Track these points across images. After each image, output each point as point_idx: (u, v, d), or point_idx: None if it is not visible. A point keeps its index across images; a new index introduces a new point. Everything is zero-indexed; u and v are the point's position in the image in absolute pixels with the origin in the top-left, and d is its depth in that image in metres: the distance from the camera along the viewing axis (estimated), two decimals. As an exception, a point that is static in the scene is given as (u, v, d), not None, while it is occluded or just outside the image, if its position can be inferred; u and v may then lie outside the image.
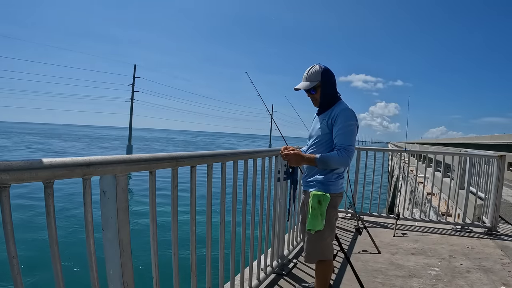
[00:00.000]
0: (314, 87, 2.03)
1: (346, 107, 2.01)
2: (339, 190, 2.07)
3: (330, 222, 2.03)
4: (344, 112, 1.97)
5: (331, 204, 2.00)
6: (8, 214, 0.86)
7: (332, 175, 2.03)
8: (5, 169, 0.82)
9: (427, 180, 10.46)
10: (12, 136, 63.68)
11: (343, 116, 1.95)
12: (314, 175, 2.06)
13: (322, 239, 2.03)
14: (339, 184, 2.07)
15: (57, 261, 0.98)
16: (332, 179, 2.02)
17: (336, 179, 2.05)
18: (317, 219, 1.98)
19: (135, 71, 34.64)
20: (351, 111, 1.99)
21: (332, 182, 2.02)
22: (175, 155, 1.42)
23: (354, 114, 1.99)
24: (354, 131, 1.97)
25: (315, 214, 1.98)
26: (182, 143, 77.92)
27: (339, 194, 2.08)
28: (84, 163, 1.01)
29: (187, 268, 1.61)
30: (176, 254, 1.49)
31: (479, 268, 2.99)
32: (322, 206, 1.97)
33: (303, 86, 2.03)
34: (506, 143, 16.54)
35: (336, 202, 2.06)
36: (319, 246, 2.04)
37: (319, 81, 2.01)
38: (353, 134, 1.96)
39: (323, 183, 2.01)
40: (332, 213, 2.03)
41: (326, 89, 2.03)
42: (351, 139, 1.95)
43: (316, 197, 1.99)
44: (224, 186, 1.82)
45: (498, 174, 4.10)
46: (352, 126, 1.96)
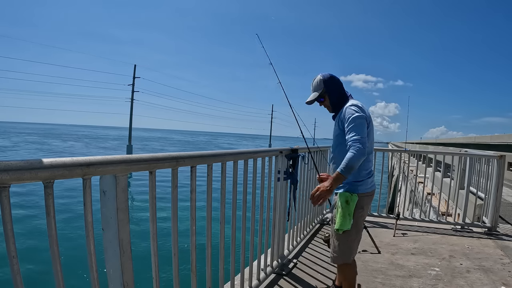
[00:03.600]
0: (321, 95, 2.07)
1: (351, 103, 2.00)
2: (368, 190, 2.04)
3: (357, 223, 2.01)
4: (348, 108, 1.98)
5: (359, 205, 1.98)
6: (8, 214, 0.86)
7: (361, 173, 2.00)
8: (5, 169, 0.82)
9: (427, 180, 10.47)
10: (11, 136, 63.64)
11: (348, 112, 1.96)
12: None
13: (349, 240, 2.02)
14: (368, 183, 2.03)
15: (57, 261, 0.98)
16: (360, 179, 2.00)
17: (365, 178, 2.02)
18: (345, 219, 1.97)
19: (135, 71, 34.65)
20: (355, 105, 1.98)
21: (360, 182, 2.00)
22: (175, 155, 1.42)
23: (358, 107, 1.96)
24: (362, 123, 1.92)
25: (343, 214, 1.97)
26: (181, 143, 77.91)
27: (368, 193, 2.04)
28: (84, 163, 1.01)
29: (187, 268, 1.61)
30: (176, 254, 1.48)
31: (479, 268, 2.99)
32: (350, 206, 1.96)
33: (311, 96, 2.08)
34: (506, 143, 16.54)
35: (364, 203, 2.02)
36: (345, 247, 2.03)
37: (323, 88, 2.05)
38: (361, 125, 1.91)
39: (351, 183, 1.99)
40: (359, 214, 2.01)
41: (333, 93, 2.07)
42: (359, 130, 1.89)
43: (344, 197, 1.98)
44: (224, 186, 1.82)
45: (498, 174, 4.10)
46: (357, 118, 1.91)
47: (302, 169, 3.14)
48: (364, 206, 2.03)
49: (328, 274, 2.72)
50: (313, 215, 3.90)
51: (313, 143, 3.89)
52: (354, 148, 1.83)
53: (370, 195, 2.07)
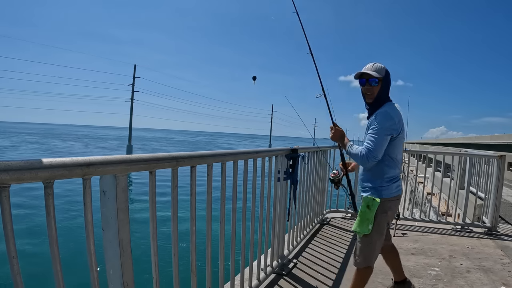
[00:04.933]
0: (377, 79, 1.99)
1: (386, 108, 1.97)
2: (393, 194, 2.02)
3: (378, 227, 2.00)
4: (381, 113, 1.95)
5: (382, 209, 1.97)
6: (8, 214, 0.86)
7: (384, 180, 1.99)
8: (5, 169, 0.81)
9: (427, 180, 10.47)
10: (11, 136, 63.61)
11: (378, 117, 1.94)
12: (367, 181, 2.05)
13: (370, 243, 2.02)
14: (393, 188, 2.01)
15: (57, 261, 0.98)
16: (384, 184, 1.99)
17: (389, 183, 2.00)
18: (363, 224, 1.98)
19: (135, 71, 34.68)
20: (388, 113, 1.93)
21: (384, 187, 1.99)
22: (175, 155, 1.42)
23: (391, 118, 1.92)
24: (382, 135, 1.89)
25: (361, 218, 1.99)
26: (180, 143, 77.91)
27: (393, 198, 2.02)
28: (84, 163, 1.01)
29: (187, 268, 1.61)
30: (176, 254, 1.48)
31: (479, 268, 2.99)
32: (370, 211, 1.96)
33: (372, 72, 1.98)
34: (506, 143, 16.54)
35: (388, 207, 2.01)
36: (367, 250, 2.03)
37: (383, 76, 1.99)
38: (379, 137, 1.89)
39: (375, 188, 2.00)
40: (382, 218, 2.00)
41: (385, 86, 2.02)
42: (376, 142, 1.89)
43: (366, 202, 1.99)
44: (224, 186, 1.82)
45: (498, 174, 4.10)
46: (383, 131, 1.89)
47: (302, 169, 3.14)
48: (388, 210, 2.02)
49: (328, 274, 2.72)
50: (313, 215, 3.90)
51: (313, 143, 3.89)
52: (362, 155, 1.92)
53: (395, 200, 2.06)
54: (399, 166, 2.07)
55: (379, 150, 1.90)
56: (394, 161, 2.02)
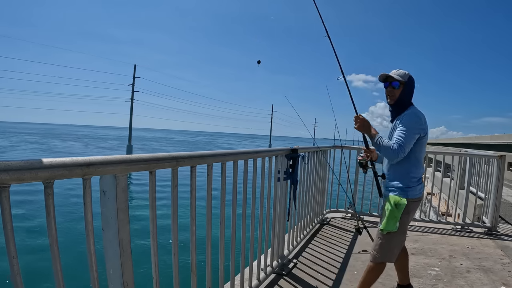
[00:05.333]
0: (399, 83, 2.09)
1: (413, 111, 2.06)
2: (417, 195, 2.07)
3: (402, 227, 2.05)
4: (408, 114, 2.04)
5: (406, 210, 2.02)
6: (8, 214, 0.86)
7: (411, 180, 2.04)
8: (5, 169, 0.81)
9: (427, 180, 10.47)
10: (11, 136, 63.61)
11: (406, 118, 2.02)
12: (393, 180, 2.08)
13: (393, 241, 2.07)
14: (417, 189, 2.07)
15: (57, 261, 0.98)
16: (411, 185, 2.04)
17: (415, 184, 2.06)
18: (391, 221, 2.02)
19: (135, 71, 34.68)
20: (416, 115, 2.03)
21: (411, 188, 2.04)
22: (175, 155, 1.42)
23: (418, 119, 2.02)
24: (412, 133, 1.97)
25: (390, 216, 2.02)
26: (180, 143, 77.89)
27: (416, 199, 2.08)
28: (84, 163, 1.01)
29: (187, 268, 1.61)
30: (176, 254, 1.48)
31: (479, 268, 2.99)
32: (398, 210, 2.00)
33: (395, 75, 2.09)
34: (506, 143, 16.54)
35: (411, 208, 2.06)
36: (387, 248, 2.07)
37: (406, 81, 2.09)
38: (410, 133, 1.97)
39: (402, 188, 2.04)
40: (405, 218, 2.05)
41: (406, 90, 2.10)
42: (407, 138, 1.96)
43: (393, 200, 2.03)
44: (224, 186, 1.82)
45: (498, 174, 4.11)
46: (412, 129, 1.98)
47: (302, 169, 3.14)
48: (411, 211, 2.07)
49: (328, 274, 2.72)
50: (313, 215, 3.90)
51: (313, 143, 3.89)
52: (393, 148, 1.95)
53: (418, 201, 2.11)
54: (422, 166, 2.13)
55: (408, 146, 1.97)
56: (419, 162, 2.08)
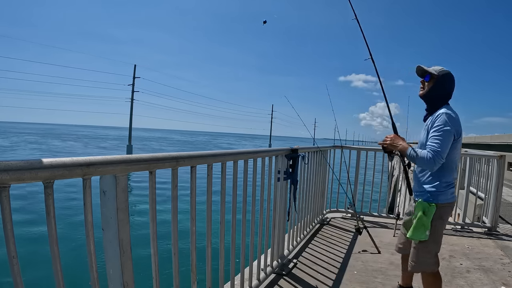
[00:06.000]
0: (431, 75, 2.01)
1: (446, 111, 1.93)
2: (449, 200, 1.97)
3: (434, 234, 1.95)
4: (441, 114, 1.91)
5: (438, 215, 1.94)
6: (8, 214, 0.86)
7: (441, 184, 1.95)
8: (5, 169, 0.81)
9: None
10: (11, 136, 63.60)
11: (440, 120, 1.90)
12: (422, 185, 2.00)
13: (426, 250, 1.98)
14: (448, 193, 1.97)
15: (57, 261, 0.98)
16: (441, 189, 1.95)
17: (446, 188, 1.96)
18: (419, 230, 1.94)
19: (135, 71, 34.68)
20: (449, 114, 1.90)
21: (441, 192, 1.95)
22: (175, 155, 1.42)
23: (452, 118, 1.89)
24: (447, 136, 1.86)
25: (417, 224, 1.95)
26: (180, 143, 77.88)
27: (448, 204, 1.98)
28: (84, 163, 1.01)
29: (187, 268, 1.60)
30: (176, 254, 1.48)
31: (479, 268, 2.99)
32: (427, 217, 1.92)
33: (426, 67, 2.03)
34: (506, 143, 16.54)
35: (443, 213, 1.97)
36: (423, 257, 1.99)
37: (437, 75, 2.00)
38: (444, 138, 1.85)
39: (431, 192, 1.95)
40: (438, 224, 1.96)
41: (438, 86, 2.00)
42: (441, 143, 1.84)
43: (421, 207, 1.95)
44: (224, 186, 1.82)
45: (498, 174, 4.11)
46: (447, 132, 1.86)
47: (302, 169, 3.14)
48: (444, 216, 1.98)
49: (328, 274, 2.72)
50: (313, 215, 3.90)
51: (313, 143, 3.89)
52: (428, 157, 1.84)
53: (450, 206, 2.01)
54: (456, 170, 2.03)
55: (445, 151, 1.86)
56: (452, 166, 1.97)
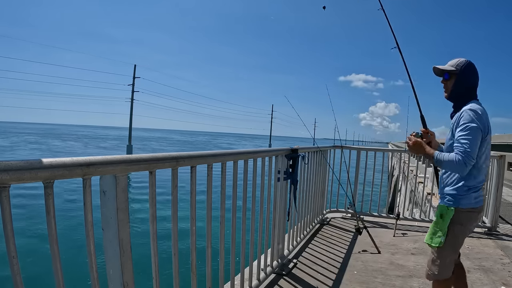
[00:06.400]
0: (449, 72, 1.87)
1: (471, 106, 1.77)
2: (472, 205, 1.80)
3: (451, 240, 1.82)
4: (466, 111, 1.75)
5: (456, 220, 1.80)
6: (8, 214, 0.86)
7: (463, 187, 1.79)
8: (5, 169, 0.81)
9: (427, 180, 10.46)
10: (11, 136, 63.58)
11: (465, 118, 1.74)
12: (444, 187, 1.88)
13: (441, 256, 1.86)
14: (471, 198, 1.80)
15: (57, 261, 0.98)
16: (463, 192, 1.79)
17: (468, 192, 1.79)
18: (434, 235, 1.85)
19: (135, 71, 34.68)
20: (475, 110, 1.74)
21: (462, 196, 1.80)
22: (175, 155, 1.42)
23: (478, 115, 1.73)
24: (474, 134, 1.70)
25: (433, 229, 1.87)
26: (180, 143, 77.92)
27: (471, 209, 1.80)
28: (84, 163, 1.01)
29: (187, 268, 1.61)
30: (176, 254, 1.48)
31: (479, 268, 2.99)
32: (443, 221, 1.81)
33: (442, 66, 1.90)
34: (506, 143, 16.54)
35: (464, 218, 1.81)
36: (436, 264, 1.87)
37: (457, 70, 1.86)
38: (472, 136, 1.69)
39: (452, 195, 1.82)
40: (456, 230, 1.81)
41: (460, 81, 1.86)
42: (470, 142, 1.69)
43: (439, 210, 1.86)
44: (224, 186, 1.82)
45: (498, 174, 4.11)
46: (472, 128, 1.70)
47: (302, 169, 3.14)
48: (465, 222, 1.82)
49: (328, 274, 2.72)
50: (313, 215, 3.90)
51: (313, 143, 3.89)
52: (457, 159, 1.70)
53: (474, 211, 1.83)
54: (483, 173, 1.85)
55: (475, 150, 1.70)
56: (478, 168, 1.80)
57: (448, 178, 1.86)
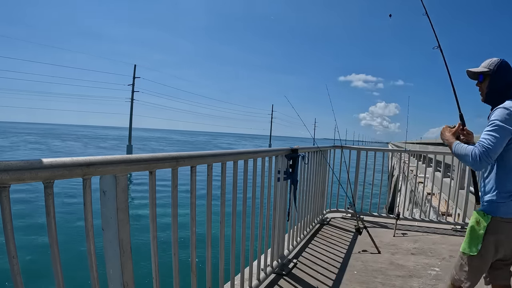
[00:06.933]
0: (483, 74, 1.78)
1: (505, 105, 1.66)
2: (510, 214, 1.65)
3: (484, 250, 1.68)
4: (497, 109, 1.66)
5: (493, 229, 1.65)
6: (8, 214, 0.86)
7: (502, 194, 1.66)
8: (5, 169, 0.81)
9: (427, 180, 10.48)
10: (10, 136, 63.57)
11: (495, 114, 1.65)
12: (484, 194, 1.76)
13: (470, 265, 1.72)
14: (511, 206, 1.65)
15: (57, 261, 0.98)
16: (501, 199, 1.66)
17: (508, 199, 1.65)
18: (472, 242, 1.71)
19: (135, 71, 34.68)
20: (507, 109, 1.62)
21: (500, 203, 1.66)
22: (175, 155, 1.42)
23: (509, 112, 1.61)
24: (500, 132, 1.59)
25: (469, 236, 1.73)
26: (180, 143, 77.95)
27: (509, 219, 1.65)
28: (84, 163, 1.01)
29: (187, 268, 1.60)
30: (176, 254, 1.48)
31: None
32: (480, 228, 1.68)
33: (475, 68, 1.81)
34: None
35: (502, 229, 1.66)
36: (464, 270, 1.74)
37: (490, 70, 1.76)
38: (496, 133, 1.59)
39: (490, 202, 1.70)
40: (490, 240, 1.67)
41: (496, 81, 1.75)
42: (492, 139, 1.59)
43: (475, 217, 1.72)
44: (224, 186, 1.82)
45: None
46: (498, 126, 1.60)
47: (302, 169, 3.14)
48: (501, 233, 1.67)
49: (328, 274, 2.72)
50: (313, 215, 3.90)
51: (313, 143, 3.89)
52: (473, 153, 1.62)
53: None
54: None
55: (495, 149, 1.59)
56: None
57: (488, 184, 1.73)
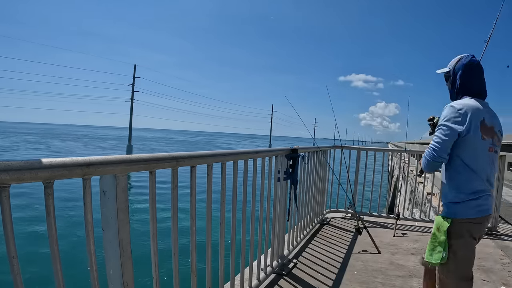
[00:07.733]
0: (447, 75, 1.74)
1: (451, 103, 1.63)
2: (470, 215, 1.59)
3: (455, 256, 1.63)
4: (445, 108, 1.63)
5: (455, 233, 1.60)
6: (8, 214, 0.86)
7: (459, 195, 1.61)
8: (5, 169, 0.81)
9: (427, 180, 10.47)
10: (11, 136, 63.57)
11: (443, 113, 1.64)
12: (443, 197, 1.72)
13: (447, 275, 1.66)
14: (470, 206, 1.59)
15: (57, 261, 0.98)
16: (458, 200, 1.61)
17: (464, 200, 1.60)
18: (433, 250, 1.65)
19: (135, 71, 34.67)
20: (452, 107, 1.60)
21: (458, 204, 1.61)
22: (175, 155, 1.42)
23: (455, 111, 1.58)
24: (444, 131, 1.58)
25: (432, 245, 1.67)
26: (180, 143, 77.96)
27: (470, 220, 1.59)
28: (84, 163, 1.01)
29: (187, 268, 1.61)
30: (176, 254, 1.48)
31: (479, 268, 2.99)
32: (440, 234, 1.63)
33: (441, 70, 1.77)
34: (506, 143, 16.54)
35: (464, 230, 1.60)
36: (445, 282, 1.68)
37: (450, 71, 1.73)
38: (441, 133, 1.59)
39: (448, 205, 1.65)
40: (455, 244, 1.62)
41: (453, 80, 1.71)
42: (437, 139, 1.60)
43: (436, 223, 1.67)
44: (224, 186, 1.82)
45: (498, 174, 4.10)
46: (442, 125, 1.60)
47: (302, 169, 3.14)
48: (465, 235, 1.61)
49: (328, 274, 2.72)
50: (313, 215, 3.90)
51: (313, 143, 3.89)
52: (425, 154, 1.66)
53: (475, 222, 1.60)
54: (482, 178, 1.61)
55: (443, 148, 1.58)
56: (471, 170, 1.60)
57: (446, 187, 1.70)
